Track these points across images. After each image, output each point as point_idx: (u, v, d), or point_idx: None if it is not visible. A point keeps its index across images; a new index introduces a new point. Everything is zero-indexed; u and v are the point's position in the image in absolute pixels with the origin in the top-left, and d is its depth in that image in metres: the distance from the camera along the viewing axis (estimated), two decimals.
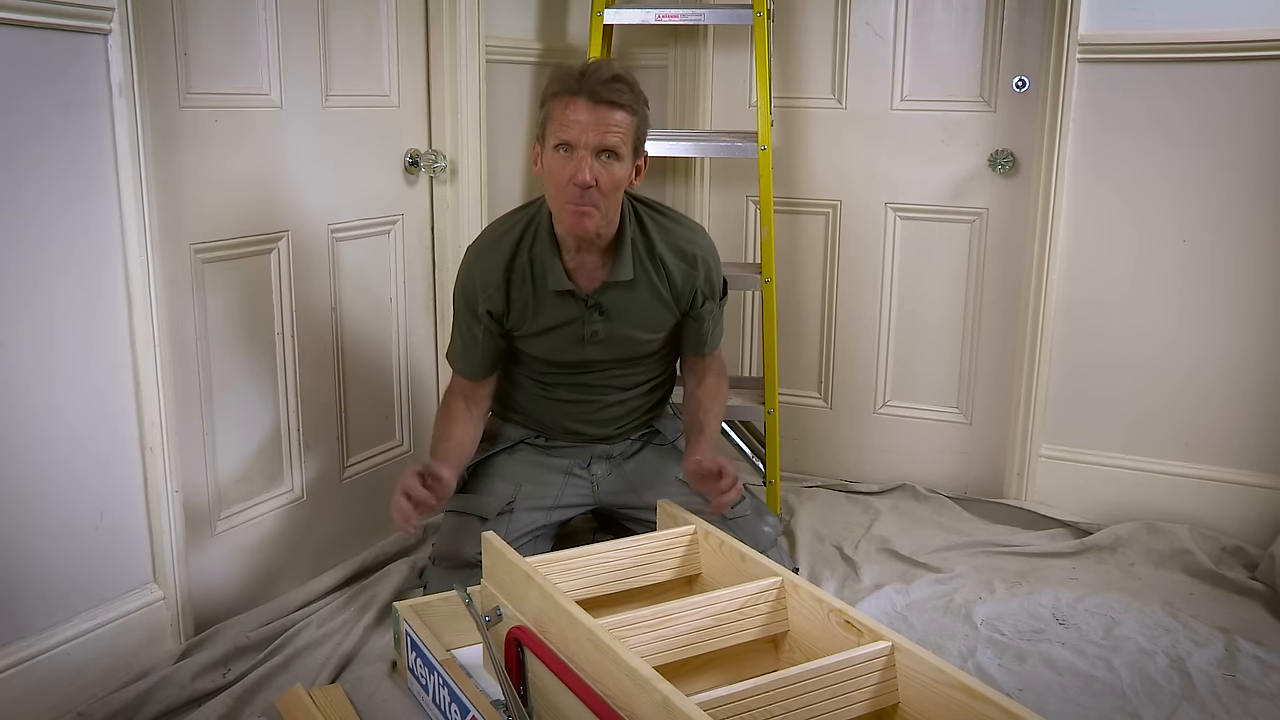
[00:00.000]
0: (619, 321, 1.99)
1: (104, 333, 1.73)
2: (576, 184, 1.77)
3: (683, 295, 2.01)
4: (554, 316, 1.98)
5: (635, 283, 1.96)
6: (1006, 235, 2.63)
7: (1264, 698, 1.82)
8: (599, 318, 1.97)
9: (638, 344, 2.04)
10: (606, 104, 1.76)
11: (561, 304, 1.97)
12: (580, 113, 1.76)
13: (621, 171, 1.81)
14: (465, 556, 1.97)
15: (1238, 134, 2.35)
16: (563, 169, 1.78)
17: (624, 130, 1.79)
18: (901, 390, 2.82)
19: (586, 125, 1.76)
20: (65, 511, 1.70)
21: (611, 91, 1.76)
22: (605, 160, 1.79)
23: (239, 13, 1.93)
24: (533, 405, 2.13)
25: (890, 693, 1.48)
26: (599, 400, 2.10)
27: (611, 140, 1.77)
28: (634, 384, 2.11)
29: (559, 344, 2.01)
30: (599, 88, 1.75)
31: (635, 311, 1.99)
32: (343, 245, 2.22)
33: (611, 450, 2.15)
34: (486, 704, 1.57)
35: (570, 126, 1.77)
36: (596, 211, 1.81)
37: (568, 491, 2.11)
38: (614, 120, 1.77)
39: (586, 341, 2.00)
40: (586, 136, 1.76)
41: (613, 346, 2.02)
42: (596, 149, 1.77)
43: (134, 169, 1.71)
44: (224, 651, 1.85)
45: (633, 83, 1.81)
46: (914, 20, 2.63)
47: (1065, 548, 2.40)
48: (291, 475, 2.17)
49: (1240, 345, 2.43)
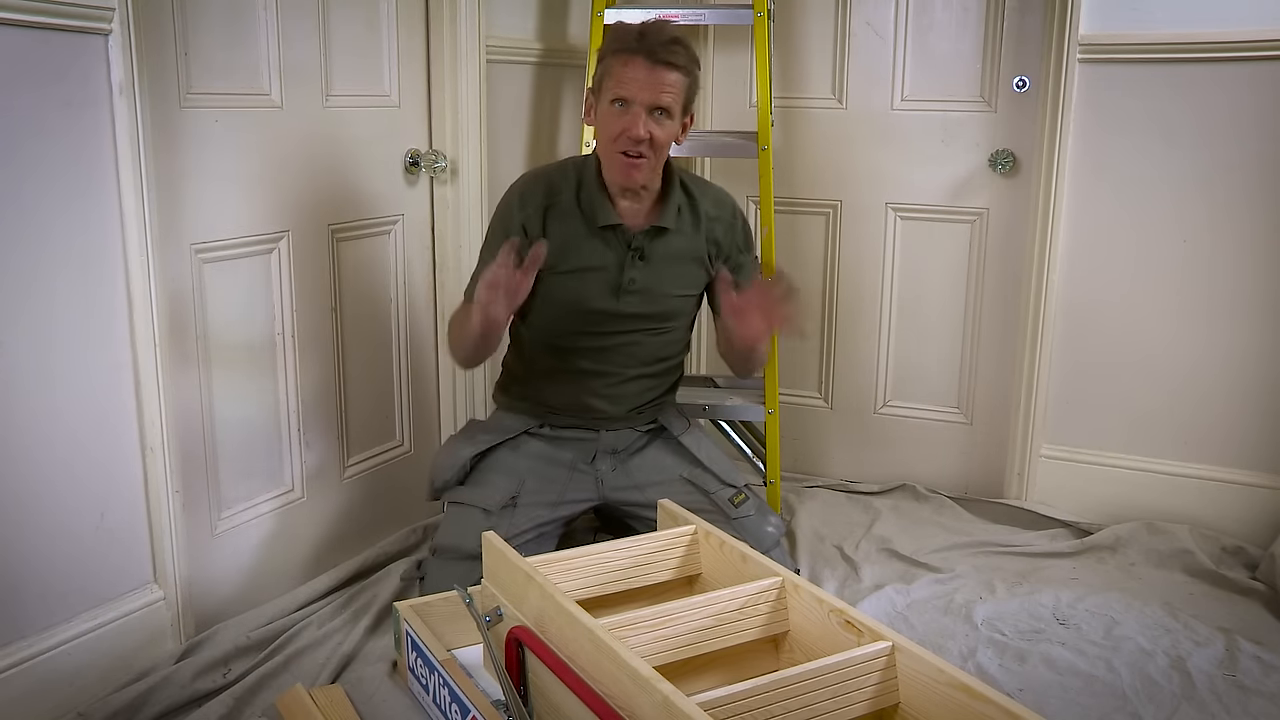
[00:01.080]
0: (657, 270, 2.03)
1: (104, 333, 1.73)
2: (630, 137, 1.87)
3: (724, 245, 2.08)
4: (592, 258, 2.01)
5: (678, 233, 2.03)
6: (1007, 235, 2.63)
7: (1264, 698, 1.82)
8: (639, 263, 2.01)
9: (670, 300, 2.07)
10: (664, 65, 1.85)
11: (603, 246, 2.01)
12: (639, 70, 1.85)
13: (672, 129, 1.91)
14: (467, 548, 1.96)
15: (1238, 134, 2.35)
16: (617, 122, 1.88)
17: (677, 90, 1.88)
18: (902, 390, 2.82)
19: (644, 83, 1.85)
20: (65, 511, 1.70)
21: (669, 53, 1.85)
22: (658, 117, 1.88)
23: (239, 13, 1.93)
24: (545, 382, 2.11)
25: (891, 693, 1.48)
26: (616, 374, 2.09)
27: (665, 99, 1.87)
28: (652, 359, 2.11)
29: (592, 290, 2.02)
30: (658, 49, 1.85)
31: (673, 262, 2.04)
32: (343, 245, 2.22)
33: (617, 444, 2.14)
34: (487, 704, 1.57)
35: (628, 83, 1.86)
36: (646, 164, 1.91)
37: (572, 487, 2.11)
38: (669, 80, 1.87)
39: (623, 291, 2.02)
40: (643, 94, 1.86)
41: (646, 300, 2.04)
42: (651, 106, 1.87)
43: (134, 169, 1.71)
44: (224, 651, 1.84)
45: (688, 45, 1.90)
46: (914, 20, 2.63)
47: (1065, 548, 2.40)
48: (292, 475, 2.17)
49: (1240, 345, 2.43)
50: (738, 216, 2.12)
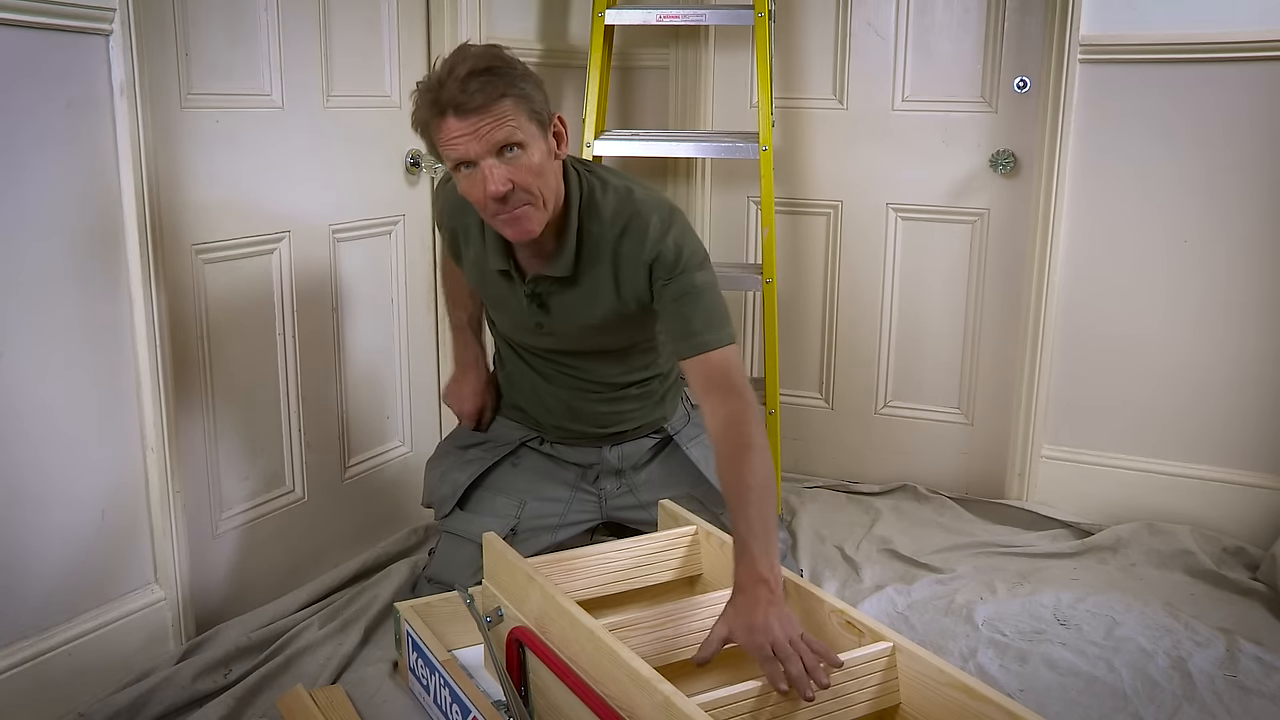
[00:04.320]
0: (561, 317, 1.82)
1: (105, 333, 1.73)
2: (492, 198, 1.59)
3: (636, 282, 1.75)
4: (502, 294, 1.86)
5: (577, 279, 1.77)
6: (1007, 236, 2.63)
7: (1265, 698, 1.82)
8: (539, 310, 1.82)
9: (589, 341, 1.86)
10: (476, 110, 1.54)
11: (508, 285, 1.83)
12: (455, 128, 1.56)
13: (534, 155, 1.60)
14: (461, 583, 1.86)
15: (1238, 134, 2.35)
16: (474, 187, 1.61)
17: (511, 118, 1.56)
18: (903, 390, 2.82)
19: (470, 138, 1.56)
20: (66, 512, 1.70)
21: (472, 94, 1.54)
22: (509, 155, 1.58)
23: (240, 13, 1.93)
24: (530, 397, 2.02)
25: (891, 693, 1.48)
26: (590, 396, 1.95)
27: (500, 135, 1.56)
28: (621, 383, 1.95)
29: (515, 322, 1.89)
30: (459, 96, 1.54)
31: (577, 308, 1.80)
32: (344, 246, 2.22)
33: (622, 463, 2.03)
34: (488, 705, 1.57)
35: (456, 145, 1.57)
36: (530, 208, 1.63)
37: (574, 508, 2.02)
38: (494, 116, 1.55)
39: (538, 332, 1.87)
40: (475, 148, 1.56)
41: (564, 339, 1.86)
42: (491, 152, 1.57)
43: (135, 169, 1.71)
44: (225, 652, 1.84)
45: (494, 64, 1.56)
46: (915, 21, 2.63)
47: (1066, 548, 2.40)
48: (292, 475, 2.17)
49: (1241, 345, 2.43)
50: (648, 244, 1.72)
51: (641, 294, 1.76)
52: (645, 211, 1.74)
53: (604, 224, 1.74)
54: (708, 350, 1.69)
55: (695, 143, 2.51)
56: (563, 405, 1.99)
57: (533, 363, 1.98)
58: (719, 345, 1.69)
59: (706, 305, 1.71)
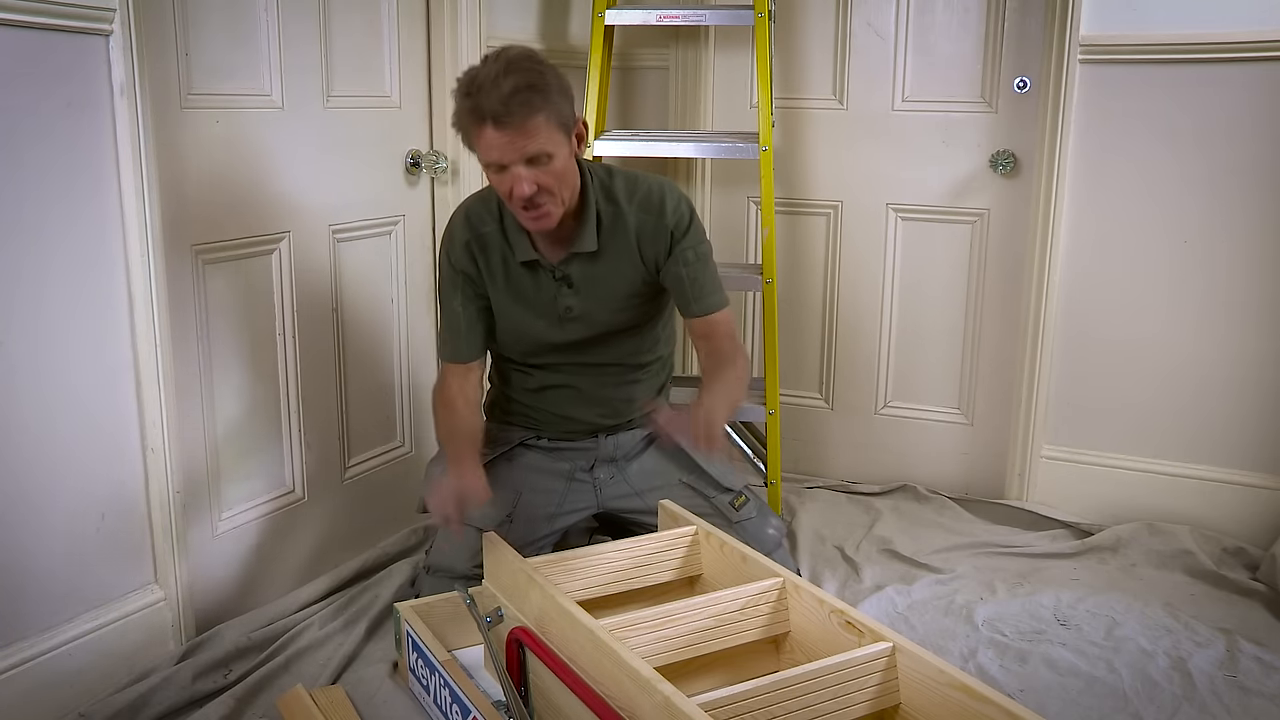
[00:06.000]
0: (590, 294, 1.95)
1: (105, 333, 1.73)
2: (519, 198, 1.76)
3: (657, 250, 1.94)
4: (526, 288, 1.95)
5: (602, 252, 1.92)
6: (1007, 236, 2.63)
7: (1265, 698, 1.82)
8: (569, 291, 1.94)
9: (615, 316, 1.98)
10: (512, 127, 1.69)
11: (533, 276, 1.94)
12: (492, 138, 1.71)
13: (560, 162, 1.77)
14: (460, 570, 1.93)
15: (1239, 134, 2.35)
16: (503, 184, 1.77)
17: (542, 131, 1.72)
18: (903, 391, 2.82)
19: (504, 147, 1.72)
20: (67, 512, 1.71)
21: (513, 111, 1.69)
22: (538, 164, 1.74)
23: (240, 13, 1.93)
24: (531, 398, 2.07)
25: (891, 693, 1.48)
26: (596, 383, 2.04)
27: (532, 148, 1.72)
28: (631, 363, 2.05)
29: (535, 320, 1.96)
30: (499, 110, 1.68)
31: (605, 281, 1.94)
32: (344, 246, 2.22)
33: (616, 452, 2.10)
34: (488, 705, 1.57)
35: (491, 150, 1.73)
36: (549, 208, 1.80)
37: (570, 497, 2.08)
38: (526, 131, 1.71)
39: (563, 320, 1.96)
40: (508, 156, 1.72)
41: (590, 324, 1.97)
42: (522, 160, 1.73)
43: (135, 169, 1.71)
44: (225, 652, 1.84)
45: (531, 81, 1.70)
46: (915, 21, 2.63)
47: (1066, 548, 2.40)
48: (293, 476, 2.17)
49: (1241, 345, 2.43)
50: (667, 212, 1.93)
51: (660, 259, 1.95)
52: (655, 186, 1.96)
53: (618, 202, 1.93)
54: (716, 310, 1.96)
55: (695, 143, 2.51)
56: (570, 397, 2.04)
57: (542, 368, 2.04)
58: (721, 307, 1.97)
59: (711, 270, 1.98)
